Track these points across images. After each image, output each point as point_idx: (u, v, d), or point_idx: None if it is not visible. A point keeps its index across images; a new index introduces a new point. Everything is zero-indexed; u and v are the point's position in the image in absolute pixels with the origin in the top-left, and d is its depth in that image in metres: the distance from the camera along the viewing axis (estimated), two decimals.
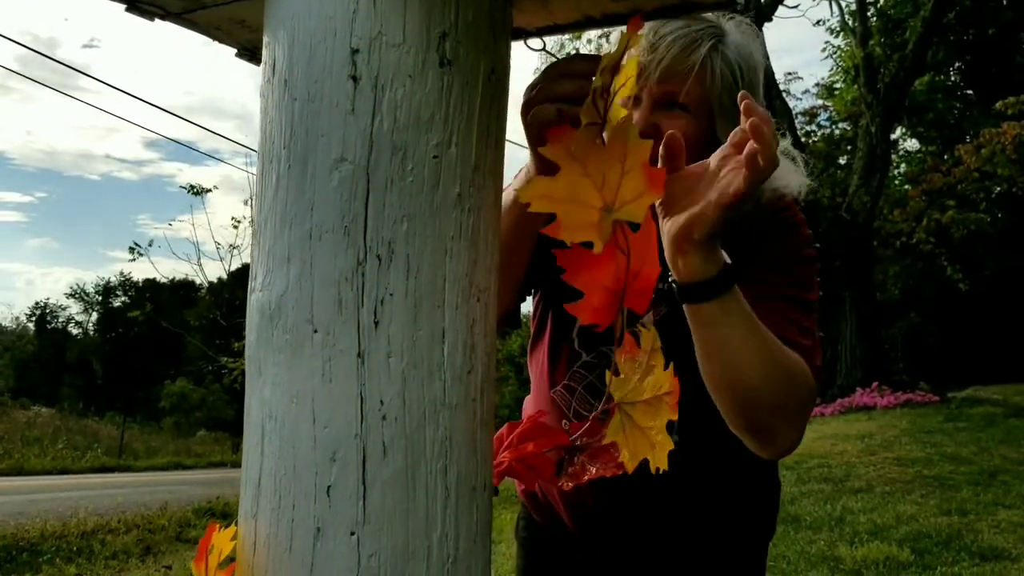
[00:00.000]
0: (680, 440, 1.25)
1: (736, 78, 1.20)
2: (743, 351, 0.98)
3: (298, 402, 0.68)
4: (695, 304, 0.97)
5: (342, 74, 0.70)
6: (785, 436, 1.05)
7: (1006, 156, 15.02)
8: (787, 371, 1.02)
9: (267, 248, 0.72)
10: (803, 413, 1.06)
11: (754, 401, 1.02)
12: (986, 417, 9.87)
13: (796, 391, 1.03)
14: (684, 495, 1.30)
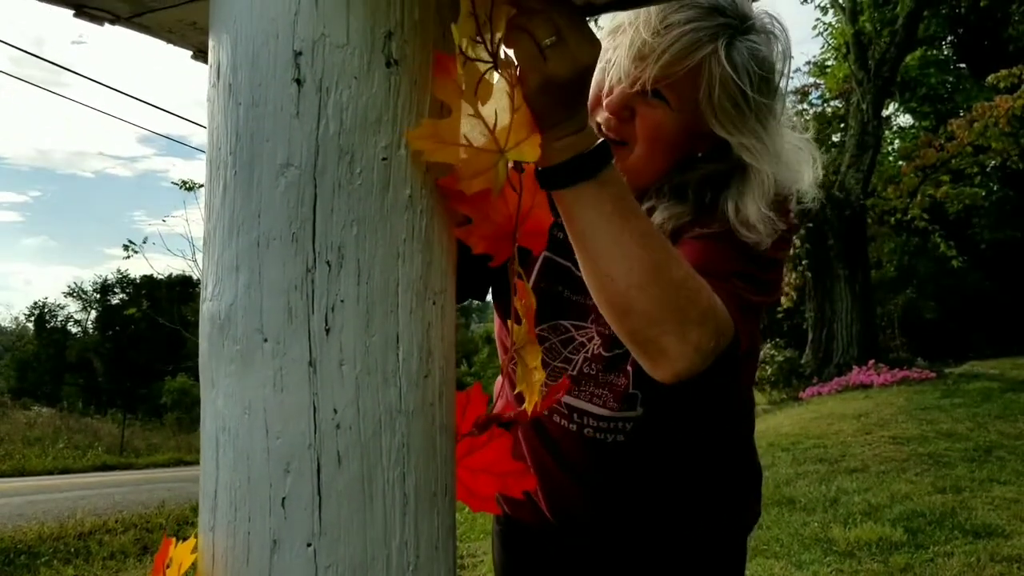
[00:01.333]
0: (652, 424, 1.24)
1: (739, 82, 1.14)
2: (609, 249, 0.91)
3: (250, 413, 0.67)
4: (549, 189, 0.90)
5: (285, 77, 0.68)
6: (677, 356, 0.94)
7: (999, 129, 14.98)
8: (673, 282, 0.93)
9: (216, 257, 0.71)
10: (698, 337, 0.94)
11: (625, 307, 0.94)
12: (983, 392, 9.88)
13: (683, 304, 0.94)
14: (660, 480, 1.30)
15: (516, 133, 0.78)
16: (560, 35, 0.79)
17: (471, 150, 0.74)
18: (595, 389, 1.25)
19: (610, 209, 0.90)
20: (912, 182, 16.38)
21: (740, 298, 1.04)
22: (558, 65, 0.80)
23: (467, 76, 0.74)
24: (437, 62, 0.72)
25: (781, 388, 14.41)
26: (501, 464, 0.87)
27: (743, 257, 1.11)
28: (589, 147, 0.88)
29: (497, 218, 0.79)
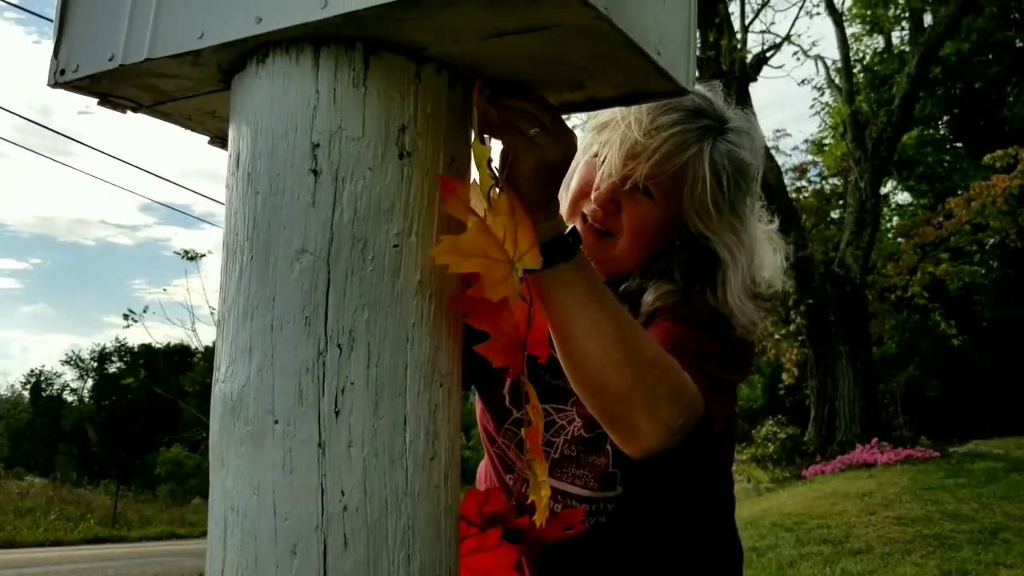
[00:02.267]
0: (632, 504, 1.25)
1: (720, 180, 1.22)
2: (584, 329, 0.94)
3: (259, 494, 0.68)
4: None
5: (303, 168, 0.71)
6: (648, 432, 0.97)
7: (997, 208, 15.13)
8: (645, 361, 0.97)
9: (230, 339, 0.72)
10: (668, 415, 0.97)
11: (599, 385, 0.97)
12: (987, 472, 9.77)
13: (654, 383, 0.97)
14: (643, 564, 1.29)
15: (521, 244, 0.82)
16: (543, 126, 0.85)
17: (489, 261, 0.78)
18: (576, 470, 1.27)
19: (585, 291, 0.95)
20: (911, 259, 16.47)
21: (711, 377, 1.07)
22: (549, 152, 0.85)
23: (476, 194, 0.80)
24: (445, 185, 0.75)
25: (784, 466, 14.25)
26: (501, 572, 0.88)
27: (715, 339, 1.15)
28: (562, 232, 0.93)
29: (508, 330, 0.83)
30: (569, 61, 0.78)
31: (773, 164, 16.01)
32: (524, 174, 0.86)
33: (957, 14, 15.09)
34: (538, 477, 0.83)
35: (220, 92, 0.86)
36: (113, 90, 0.88)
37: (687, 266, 1.26)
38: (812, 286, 14.57)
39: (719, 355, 1.13)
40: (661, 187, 1.22)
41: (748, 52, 14.73)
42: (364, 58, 0.73)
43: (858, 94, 17.72)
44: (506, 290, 0.78)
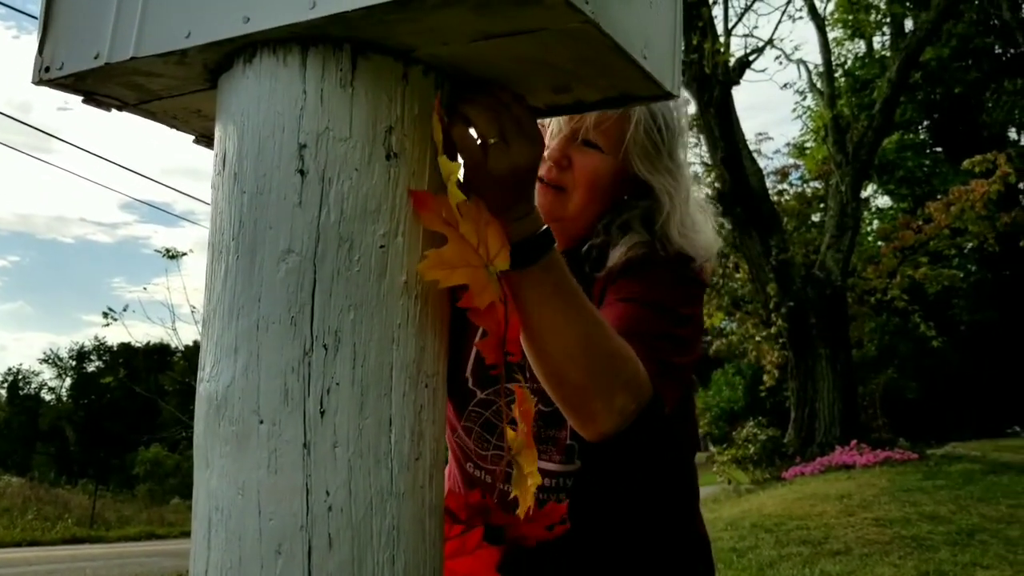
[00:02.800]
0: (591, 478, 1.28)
1: (658, 120, 1.30)
2: (548, 326, 0.99)
3: (244, 494, 0.68)
4: None
5: (290, 168, 0.71)
6: (604, 419, 1.05)
7: (976, 213, 15.28)
8: (603, 355, 1.03)
9: (215, 339, 0.72)
10: (622, 402, 1.05)
11: (559, 378, 1.04)
12: (964, 474, 9.86)
13: (611, 375, 1.04)
14: (604, 546, 1.31)
15: (491, 247, 0.83)
16: (503, 136, 0.85)
17: (472, 269, 0.79)
18: (540, 445, 1.29)
19: (551, 290, 0.98)
20: (891, 263, 16.59)
21: (661, 362, 1.13)
22: (496, 165, 0.86)
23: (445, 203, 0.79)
24: (416, 199, 0.75)
25: (764, 467, 14.32)
26: (483, 574, 0.88)
27: (663, 318, 1.20)
28: (533, 234, 0.94)
29: (491, 327, 0.84)
30: (556, 64, 0.79)
31: (755, 167, 16.10)
32: (493, 178, 0.86)
33: (937, 20, 15.20)
34: (524, 470, 0.84)
35: (206, 91, 0.86)
36: (98, 88, 0.88)
37: (644, 217, 1.33)
38: (793, 288, 14.65)
39: (672, 337, 1.18)
40: (607, 135, 1.28)
41: (731, 55, 14.78)
42: (352, 59, 0.73)
43: (839, 98, 17.84)
44: (491, 295, 0.80)
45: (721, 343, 18.96)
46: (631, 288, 1.23)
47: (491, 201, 0.88)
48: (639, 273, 1.26)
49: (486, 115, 0.84)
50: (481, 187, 0.86)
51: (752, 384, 24.38)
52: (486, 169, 0.85)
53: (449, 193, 0.77)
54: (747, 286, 17.44)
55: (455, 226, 0.77)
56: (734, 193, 14.95)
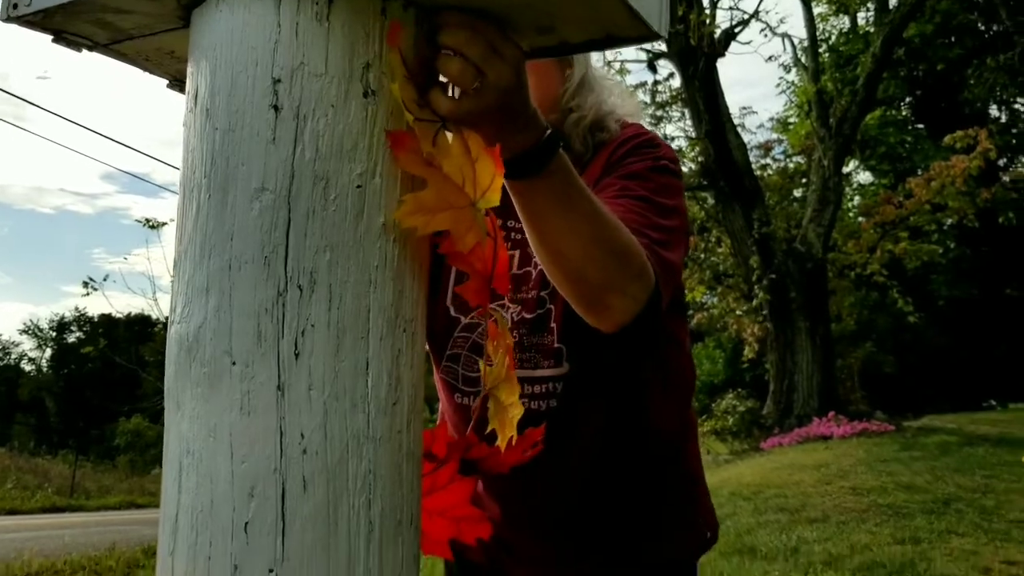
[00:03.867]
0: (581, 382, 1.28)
1: None
2: (560, 230, 1.00)
3: (216, 436, 0.67)
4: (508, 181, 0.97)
5: (263, 104, 0.69)
6: (621, 309, 1.09)
7: (956, 189, 15.36)
8: (617, 249, 1.05)
9: (186, 279, 0.71)
10: (636, 291, 1.08)
11: (578, 277, 1.06)
12: (940, 446, 9.98)
13: (626, 270, 1.07)
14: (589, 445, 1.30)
15: (480, 183, 0.78)
16: (477, 68, 0.80)
17: (455, 212, 0.76)
18: (526, 354, 1.30)
19: (560, 193, 0.97)
20: (872, 238, 16.68)
21: (657, 254, 1.15)
22: (482, 100, 0.81)
23: (421, 137, 0.75)
24: (393, 140, 0.72)
25: (743, 438, 14.47)
26: (458, 509, 0.87)
27: (652, 210, 1.21)
28: (536, 142, 0.91)
29: (478, 266, 0.81)
30: (539, 4, 0.77)
31: (739, 141, 16.10)
32: (479, 113, 0.81)
33: None
34: (504, 402, 0.82)
35: (179, 31, 0.83)
36: (67, 26, 0.85)
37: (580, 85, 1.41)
38: (774, 262, 14.71)
39: (662, 228, 1.20)
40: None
41: (716, 27, 14.73)
42: None
43: (823, 73, 17.82)
44: (475, 236, 0.77)
45: (702, 317, 19.05)
46: (617, 184, 1.26)
47: (486, 132, 0.83)
48: (617, 168, 1.30)
49: (453, 59, 0.79)
50: (471, 123, 0.82)
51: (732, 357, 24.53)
52: (471, 109, 0.81)
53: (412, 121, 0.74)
54: (729, 260, 17.50)
55: (437, 166, 0.75)
56: (718, 167, 14.97)
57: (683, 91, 15.69)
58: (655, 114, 16.75)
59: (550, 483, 1.30)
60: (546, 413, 1.27)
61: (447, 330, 1.35)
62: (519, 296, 1.32)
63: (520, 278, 1.33)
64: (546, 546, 1.34)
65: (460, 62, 0.79)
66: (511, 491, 1.33)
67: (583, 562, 1.33)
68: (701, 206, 16.98)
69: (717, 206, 16.20)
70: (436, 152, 0.76)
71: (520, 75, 0.83)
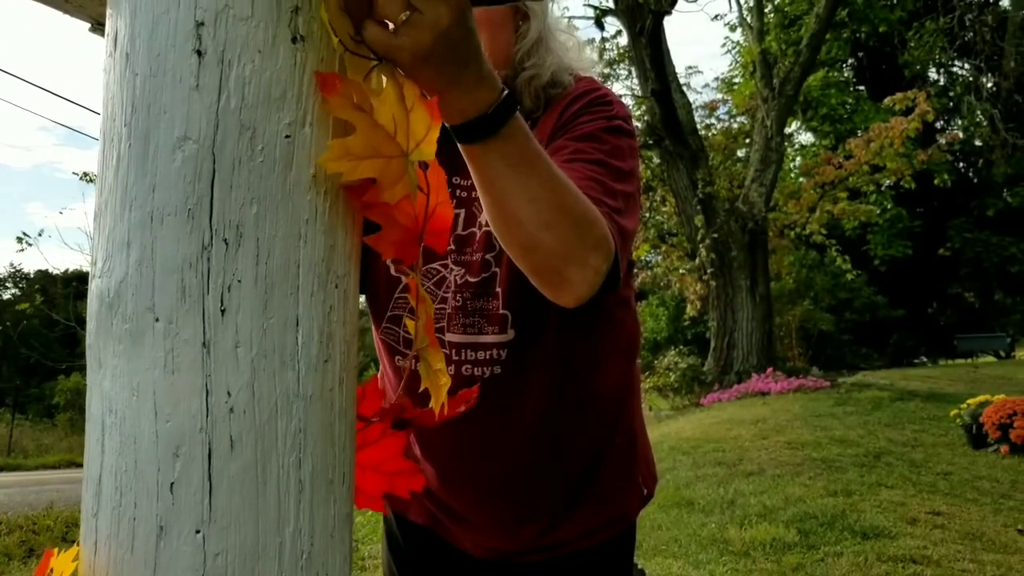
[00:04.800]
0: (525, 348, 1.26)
1: None
2: (516, 195, 0.96)
3: (139, 395, 0.64)
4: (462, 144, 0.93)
5: (186, 48, 0.66)
6: (579, 281, 1.04)
7: (894, 150, 15.66)
8: (575, 217, 1.00)
9: (107, 232, 0.68)
10: (597, 261, 1.04)
11: (535, 246, 1.01)
12: (873, 401, 10.28)
13: (583, 236, 1.02)
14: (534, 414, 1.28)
15: (415, 133, 0.75)
16: (411, 5, 0.76)
17: (383, 160, 0.72)
18: (470, 319, 1.26)
19: (516, 159, 0.93)
20: (812, 198, 16.95)
21: (616, 222, 1.10)
22: (416, 39, 0.77)
23: (353, 74, 0.73)
24: (322, 81, 0.69)
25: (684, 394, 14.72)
26: (391, 463, 0.85)
27: (608, 175, 1.17)
28: (492, 103, 0.88)
29: (404, 220, 0.78)
30: None
31: (685, 100, 16.16)
32: (418, 55, 0.78)
33: None
34: (433, 366, 0.81)
35: None
36: None
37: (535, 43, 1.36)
38: (717, 221, 14.87)
39: (619, 194, 1.16)
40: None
41: None
42: None
43: (768, 34, 17.92)
44: (404, 189, 0.74)
45: (646, 275, 19.24)
46: (569, 147, 1.21)
47: (428, 80, 0.80)
48: (569, 128, 1.25)
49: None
50: (411, 70, 0.78)
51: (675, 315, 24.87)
52: (407, 49, 0.77)
53: (347, 59, 0.71)
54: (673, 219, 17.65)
55: (368, 112, 0.72)
56: (663, 126, 15.01)
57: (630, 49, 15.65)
58: (603, 72, 16.68)
59: (491, 446, 1.28)
60: (490, 379, 1.25)
61: (388, 291, 1.32)
62: (463, 258, 1.28)
63: (464, 239, 1.28)
64: (488, 510, 1.33)
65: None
66: (451, 454, 1.31)
67: (525, 525, 1.32)
68: (647, 165, 17.05)
69: (662, 165, 16.27)
70: (368, 96, 0.72)
71: (463, 19, 0.79)
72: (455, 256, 1.28)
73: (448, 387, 0.81)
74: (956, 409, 8.02)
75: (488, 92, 0.87)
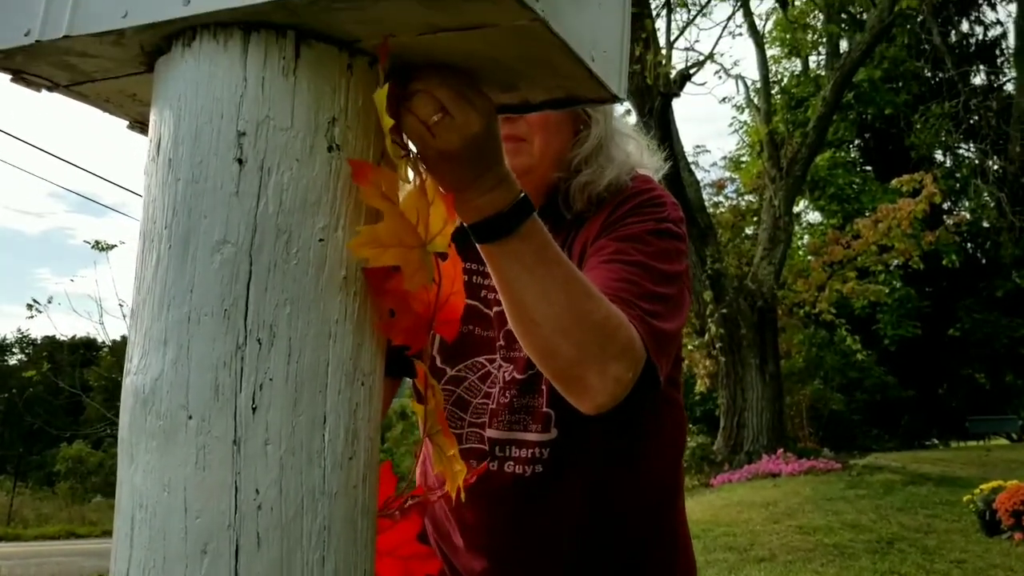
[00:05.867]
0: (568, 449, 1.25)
1: None
2: (533, 297, 0.96)
3: (170, 491, 0.66)
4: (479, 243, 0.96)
5: (228, 156, 0.69)
6: (599, 390, 1.01)
7: (902, 231, 15.78)
8: (595, 324, 0.99)
9: (144, 330, 0.70)
10: (618, 370, 1.01)
11: (550, 350, 1.01)
12: (885, 484, 10.14)
13: (604, 343, 1.01)
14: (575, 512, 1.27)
15: (432, 226, 0.79)
16: (445, 110, 0.80)
17: (406, 249, 0.75)
18: (515, 416, 1.26)
19: (532, 260, 0.95)
20: (820, 277, 17.00)
21: (650, 326, 1.09)
22: (446, 140, 0.81)
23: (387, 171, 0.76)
24: (355, 170, 0.72)
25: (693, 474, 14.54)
26: (406, 547, 0.86)
27: (648, 277, 1.16)
28: (507, 205, 0.91)
29: (418, 308, 0.81)
30: (504, 62, 0.78)
31: (693, 179, 16.35)
32: (429, 168, 0.83)
33: (871, 42, 15.65)
34: (446, 452, 0.82)
35: (142, 75, 0.83)
36: (27, 67, 0.84)
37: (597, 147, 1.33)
38: (726, 298, 14.90)
39: (658, 297, 1.14)
40: (528, 125, 1.28)
41: (672, 68, 14.99)
42: (295, 47, 0.71)
43: (775, 115, 18.25)
44: (422, 278, 0.77)
45: None
46: (611, 247, 1.20)
47: (450, 179, 0.84)
48: (616, 227, 1.23)
49: (421, 96, 0.80)
50: (435, 167, 0.83)
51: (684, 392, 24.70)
52: (438, 149, 0.82)
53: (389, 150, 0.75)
54: None
55: (395, 202, 0.75)
56: None
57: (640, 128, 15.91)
58: None
59: (535, 543, 1.27)
60: (531, 478, 1.25)
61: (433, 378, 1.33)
62: (511, 354, 1.27)
63: (512, 335, 1.28)
64: None
65: (430, 100, 0.80)
66: (496, 549, 1.30)
67: None
68: None
69: None
70: (396, 187, 0.76)
71: (489, 127, 0.84)
72: (504, 352, 1.29)
73: (463, 474, 0.83)
74: (969, 494, 7.90)
75: (505, 193, 0.91)
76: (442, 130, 0.81)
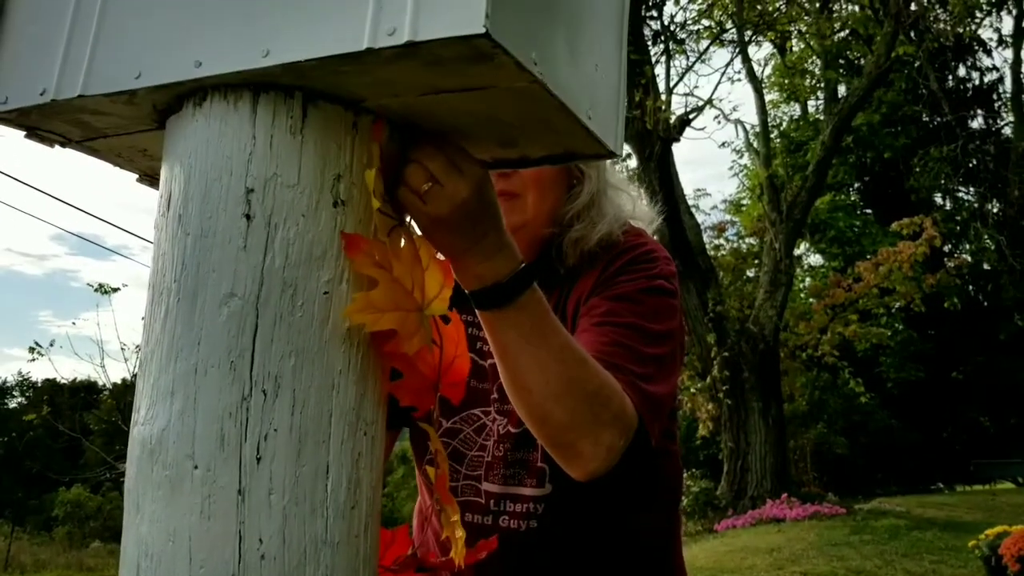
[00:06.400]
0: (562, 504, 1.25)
1: None
2: (527, 365, 0.98)
3: (175, 540, 0.67)
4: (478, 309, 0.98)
5: (236, 212, 0.71)
6: (591, 457, 1.03)
7: (903, 274, 15.80)
8: (588, 393, 1.01)
9: (152, 381, 0.72)
10: (609, 438, 1.03)
11: (543, 417, 1.02)
12: (890, 529, 10.04)
13: (597, 411, 1.02)
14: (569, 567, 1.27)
15: (428, 291, 0.82)
16: (435, 179, 0.83)
17: (402, 314, 0.77)
18: (510, 470, 1.27)
19: (528, 329, 0.97)
20: (822, 319, 16.98)
21: (642, 390, 1.10)
22: (436, 207, 0.84)
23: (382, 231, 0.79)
24: (347, 242, 0.75)
25: (697, 519, 14.39)
26: None
27: (640, 339, 1.17)
28: (507, 275, 0.93)
29: (424, 370, 0.83)
30: (504, 120, 0.81)
31: (693, 222, 16.40)
32: (437, 222, 0.85)
33: (869, 87, 15.79)
34: (451, 517, 0.83)
35: (153, 131, 0.86)
36: (42, 124, 0.87)
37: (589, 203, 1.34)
38: (728, 342, 14.87)
39: (650, 359, 1.15)
40: (522, 180, 1.29)
41: (672, 113, 15.14)
42: (303, 107, 0.74)
43: (775, 158, 18.38)
44: (420, 341, 0.79)
45: None
46: (603, 307, 1.21)
47: (445, 244, 0.87)
48: (608, 286, 1.24)
49: (415, 166, 0.83)
50: (430, 233, 0.86)
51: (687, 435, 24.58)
52: (427, 214, 0.84)
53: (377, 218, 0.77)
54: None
55: (388, 269, 0.77)
56: (672, 247, 15.19)
57: (639, 172, 16.02)
58: None
59: None
60: (525, 534, 1.26)
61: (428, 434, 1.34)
62: (506, 407, 1.28)
63: None
64: None
65: (421, 170, 0.83)
66: None
67: None
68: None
69: None
70: (389, 255, 0.78)
71: (481, 193, 0.87)
72: (498, 405, 1.30)
73: (464, 539, 0.83)
74: (974, 540, 7.81)
75: (506, 262, 0.93)
76: (432, 198, 0.84)
